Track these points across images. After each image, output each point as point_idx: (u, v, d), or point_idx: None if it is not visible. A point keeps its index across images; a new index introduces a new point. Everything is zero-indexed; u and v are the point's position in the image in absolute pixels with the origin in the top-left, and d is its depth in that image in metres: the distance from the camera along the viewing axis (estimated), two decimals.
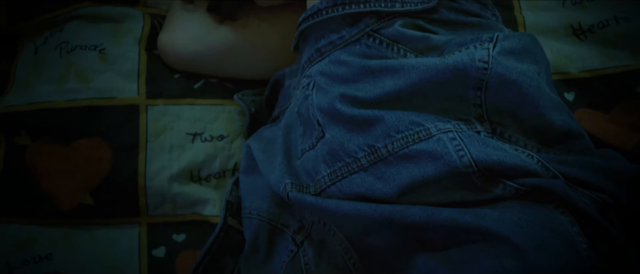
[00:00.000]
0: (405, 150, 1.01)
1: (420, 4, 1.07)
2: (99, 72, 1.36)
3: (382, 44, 1.08)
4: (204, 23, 1.42)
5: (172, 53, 1.42)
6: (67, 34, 1.40)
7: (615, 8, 1.33)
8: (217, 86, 1.46)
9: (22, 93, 1.35)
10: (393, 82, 1.03)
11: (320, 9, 1.11)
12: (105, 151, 1.31)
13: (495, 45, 1.03)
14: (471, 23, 1.10)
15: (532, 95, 1.01)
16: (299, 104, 1.16)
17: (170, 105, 1.38)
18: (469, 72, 1.01)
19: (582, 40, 1.33)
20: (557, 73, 1.31)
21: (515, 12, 1.38)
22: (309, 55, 1.15)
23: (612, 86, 1.29)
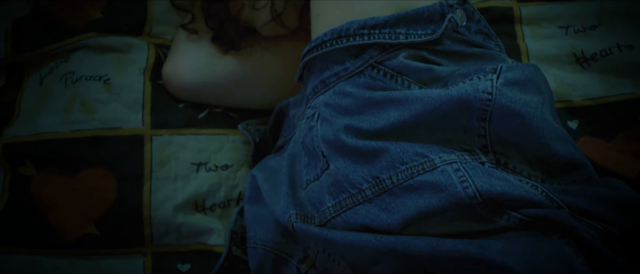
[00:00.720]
0: (410, 181, 1.01)
1: (424, 36, 1.08)
2: (104, 102, 1.36)
3: (386, 76, 1.08)
4: (208, 53, 1.43)
5: (176, 83, 1.42)
6: (72, 64, 1.40)
7: (617, 36, 1.33)
8: (222, 116, 1.46)
9: (27, 124, 1.36)
10: (397, 113, 1.04)
11: (325, 40, 1.11)
12: (110, 182, 1.31)
13: (498, 76, 1.03)
14: (475, 54, 1.11)
15: (535, 125, 1.01)
16: (304, 135, 1.16)
17: (174, 135, 1.38)
18: (473, 103, 1.01)
19: (585, 69, 1.33)
20: (560, 101, 1.31)
21: (518, 40, 1.38)
22: (314, 86, 1.15)
23: (615, 114, 1.29)
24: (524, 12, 1.40)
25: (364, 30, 1.08)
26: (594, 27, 1.36)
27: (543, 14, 1.39)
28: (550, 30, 1.38)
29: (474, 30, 1.13)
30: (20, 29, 1.44)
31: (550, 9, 1.39)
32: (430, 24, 1.08)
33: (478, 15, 1.15)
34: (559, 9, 1.38)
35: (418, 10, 1.08)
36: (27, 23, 1.45)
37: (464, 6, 1.13)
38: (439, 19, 1.08)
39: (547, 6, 1.40)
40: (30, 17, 1.47)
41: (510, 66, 1.06)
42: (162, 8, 1.49)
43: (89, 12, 1.45)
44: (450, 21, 1.08)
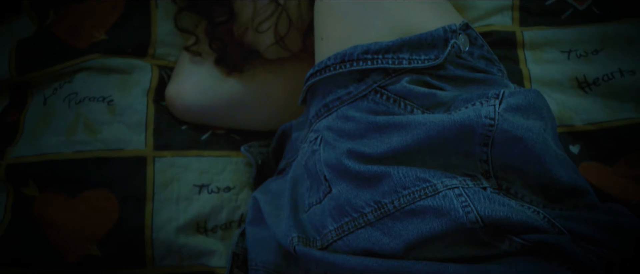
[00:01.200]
0: (412, 205, 1.01)
1: (427, 61, 1.08)
2: (107, 123, 1.37)
3: (389, 100, 1.08)
4: (212, 75, 1.43)
5: (179, 105, 1.42)
6: (76, 85, 1.41)
7: (620, 61, 1.33)
8: (224, 137, 1.47)
9: (31, 144, 1.36)
10: (400, 138, 1.04)
11: (328, 65, 1.11)
12: (112, 203, 1.31)
13: (501, 101, 1.03)
14: (477, 79, 1.11)
15: (538, 151, 1.02)
16: (306, 158, 1.16)
17: (177, 156, 1.38)
18: (476, 129, 1.01)
19: (587, 93, 1.33)
20: (562, 125, 1.31)
21: (521, 65, 1.38)
22: (317, 110, 1.16)
23: (618, 139, 1.29)
24: (526, 36, 1.40)
25: (368, 55, 1.08)
26: (596, 52, 1.36)
27: (545, 38, 1.39)
28: (553, 54, 1.38)
29: (476, 55, 1.13)
30: (25, 49, 1.45)
31: (552, 34, 1.39)
32: (434, 49, 1.09)
33: (481, 40, 1.15)
34: (562, 34, 1.39)
35: (421, 35, 1.08)
36: (31, 44, 1.46)
37: (467, 31, 1.13)
38: (442, 44, 1.09)
39: (549, 30, 1.40)
40: (35, 38, 1.47)
41: (513, 92, 1.07)
42: (166, 30, 1.50)
43: (93, 33, 1.46)
44: (453, 47, 1.09)
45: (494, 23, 1.42)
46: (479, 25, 1.43)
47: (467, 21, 1.15)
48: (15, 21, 1.55)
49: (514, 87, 1.14)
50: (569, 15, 1.41)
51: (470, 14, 1.44)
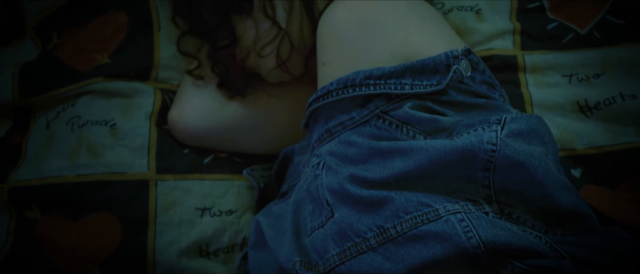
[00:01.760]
0: (414, 231, 1.01)
1: (429, 87, 1.08)
2: (110, 147, 1.37)
3: (391, 126, 1.09)
4: (214, 99, 1.44)
5: (182, 128, 1.43)
6: (79, 108, 1.41)
7: (621, 85, 1.33)
8: (227, 161, 1.47)
9: (34, 167, 1.36)
10: (402, 163, 1.04)
11: (331, 90, 1.12)
12: (114, 226, 1.31)
13: (503, 127, 1.04)
14: (479, 104, 1.11)
15: (539, 176, 1.02)
16: (309, 183, 1.16)
17: (179, 180, 1.39)
18: (478, 154, 1.02)
19: (588, 117, 1.33)
20: (563, 149, 1.31)
21: (522, 89, 1.38)
22: (319, 134, 1.16)
23: (619, 163, 1.29)
24: (527, 60, 1.40)
25: (370, 80, 1.09)
26: (598, 76, 1.36)
27: (547, 62, 1.40)
28: (554, 78, 1.38)
29: (478, 80, 1.14)
30: (28, 73, 1.45)
31: (554, 58, 1.40)
32: (436, 75, 1.09)
33: (482, 65, 1.15)
34: (563, 58, 1.39)
35: (423, 61, 1.09)
36: (34, 67, 1.46)
37: (469, 57, 1.13)
38: (444, 69, 1.09)
39: (550, 55, 1.40)
40: (38, 61, 1.48)
41: (515, 117, 1.07)
42: (168, 54, 1.50)
43: (96, 56, 1.46)
44: (455, 72, 1.09)
45: (496, 47, 1.43)
46: (481, 49, 1.43)
47: (469, 46, 1.15)
48: (19, 44, 1.55)
49: (515, 112, 1.14)
50: (570, 39, 1.42)
51: (472, 38, 1.45)
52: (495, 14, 1.46)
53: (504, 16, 1.46)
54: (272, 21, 1.32)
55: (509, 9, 1.47)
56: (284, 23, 1.33)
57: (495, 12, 1.47)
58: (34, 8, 1.53)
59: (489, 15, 1.46)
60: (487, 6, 1.48)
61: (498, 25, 1.45)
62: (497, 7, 1.47)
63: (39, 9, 1.52)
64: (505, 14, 1.46)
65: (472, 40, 1.45)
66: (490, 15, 1.46)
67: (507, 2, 1.48)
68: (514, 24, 1.45)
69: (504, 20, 1.45)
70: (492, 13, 1.47)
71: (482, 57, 1.38)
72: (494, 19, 1.46)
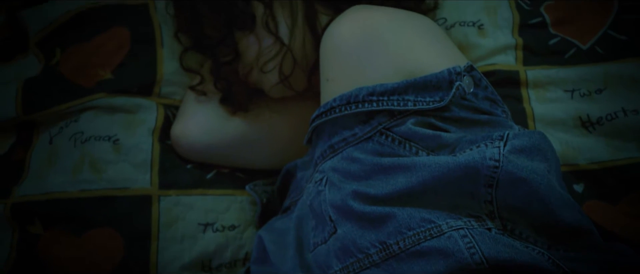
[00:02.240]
0: (417, 246, 1.01)
1: (432, 103, 1.09)
2: (113, 162, 1.37)
3: (394, 142, 1.09)
4: (217, 114, 1.44)
5: (184, 144, 1.43)
6: (82, 124, 1.42)
7: (623, 101, 1.33)
8: (229, 176, 1.48)
9: (36, 183, 1.37)
10: (405, 179, 1.04)
11: (334, 106, 1.12)
12: (117, 242, 1.32)
13: (505, 143, 1.04)
14: (482, 121, 1.11)
15: (542, 192, 1.02)
16: (312, 198, 1.16)
17: (182, 195, 1.39)
18: (480, 170, 1.02)
19: (590, 132, 1.33)
20: (566, 164, 1.31)
21: (525, 104, 1.39)
22: (322, 150, 1.16)
23: (621, 178, 1.29)
24: (529, 75, 1.40)
25: (373, 96, 1.09)
26: (600, 91, 1.36)
27: (549, 77, 1.40)
28: (556, 94, 1.39)
29: (481, 96, 1.14)
30: (31, 88, 1.45)
31: (556, 73, 1.40)
32: (439, 91, 1.09)
33: (485, 81, 1.15)
34: (565, 73, 1.39)
35: (426, 77, 1.09)
36: (37, 83, 1.47)
37: (472, 73, 1.13)
38: (447, 86, 1.09)
39: (552, 70, 1.40)
40: (41, 77, 1.48)
41: (517, 133, 1.07)
42: (171, 69, 1.51)
43: (99, 72, 1.46)
44: (457, 89, 1.09)
45: (498, 62, 1.43)
46: (483, 65, 1.44)
47: (471, 63, 1.15)
48: (22, 60, 1.56)
49: (518, 129, 1.14)
50: (572, 54, 1.42)
51: (474, 53, 1.45)
52: (498, 30, 1.47)
53: (506, 31, 1.46)
54: (275, 37, 1.33)
55: (511, 24, 1.47)
56: (286, 39, 1.33)
57: (498, 27, 1.47)
58: (37, 24, 1.53)
59: (491, 30, 1.47)
60: (490, 22, 1.48)
61: (500, 41, 1.45)
62: (499, 22, 1.47)
63: (42, 25, 1.53)
64: (507, 29, 1.46)
65: (474, 55, 1.45)
66: (493, 31, 1.46)
67: (509, 17, 1.48)
68: (516, 39, 1.45)
69: (506, 35, 1.45)
70: (495, 28, 1.47)
71: (484, 72, 1.38)
72: (496, 34, 1.46)
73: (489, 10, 1.48)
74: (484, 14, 1.49)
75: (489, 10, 1.48)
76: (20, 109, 1.44)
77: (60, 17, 1.52)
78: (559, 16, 1.47)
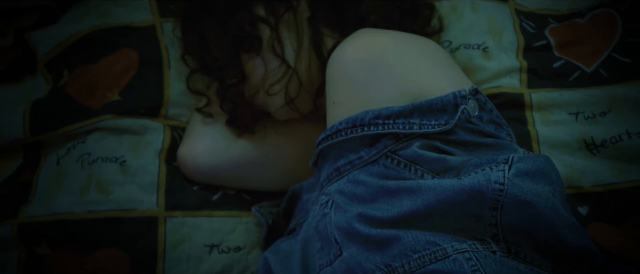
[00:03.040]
0: (422, 269, 1.02)
1: (437, 127, 1.09)
2: (120, 183, 1.38)
3: (399, 165, 1.09)
4: (223, 136, 1.45)
5: (191, 165, 1.44)
6: (89, 145, 1.42)
7: (627, 123, 1.34)
8: (235, 198, 1.48)
9: (43, 204, 1.37)
10: (410, 202, 1.05)
11: (340, 129, 1.13)
12: (123, 263, 1.32)
13: (510, 166, 1.04)
14: (487, 144, 1.12)
15: (547, 216, 1.02)
16: (317, 221, 1.16)
17: (188, 216, 1.40)
18: (485, 194, 1.02)
19: (595, 155, 1.33)
20: (570, 187, 1.31)
21: (529, 126, 1.39)
22: (328, 173, 1.16)
23: (626, 200, 1.29)
24: (534, 98, 1.41)
25: (379, 120, 1.10)
26: (604, 114, 1.36)
27: (553, 100, 1.40)
28: (561, 116, 1.39)
29: (486, 120, 1.14)
30: (39, 109, 1.46)
31: (560, 96, 1.40)
32: (444, 115, 1.10)
33: (490, 105, 1.16)
34: (569, 96, 1.39)
35: (431, 101, 1.09)
36: (45, 104, 1.48)
37: (477, 96, 1.14)
38: (452, 109, 1.10)
39: (557, 92, 1.41)
40: (49, 98, 1.49)
41: (522, 157, 1.07)
42: (178, 91, 1.52)
43: (106, 94, 1.47)
44: (463, 112, 1.10)
45: (503, 85, 1.43)
46: (488, 87, 1.44)
47: (476, 86, 1.16)
48: (30, 81, 1.57)
49: (523, 152, 1.14)
50: (577, 77, 1.42)
51: (479, 76, 1.45)
52: (502, 52, 1.47)
53: (510, 54, 1.47)
54: (281, 59, 1.34)
55: (516, 47, 1.48)
56: (292, 61, 1.34)
57: (502, 50, 1.47)
58: (45, 45, 1.54)
59: (496, 53, 1.47)
60: (494, 44, 1.48)
61: (505, 63, 1.45)
62: (504, 45, 1.48)
63: (50, 46, 1.54)
64: (512, 52, 1.47)
65: (479, 78, 1.45)
66: (497, 54, 1.47)
67: (514, 40, 1.48)
68: (521, 62, 1.45)
69: (511, 58, 1.46)
70: (499, 51, 1.47)
71: (489, 94, 1.39)
72: (501, 57, 1.46)
73: (494, 33, 1.49)
74: (489, 36, 1.49)
75: (493, 33, 1.49)
76: (28, 130, 1.45)
77: (68, 38, 1.54)
78: (563, 39, 1.47)
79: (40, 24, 1.62)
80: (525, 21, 1.52)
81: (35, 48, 1.56)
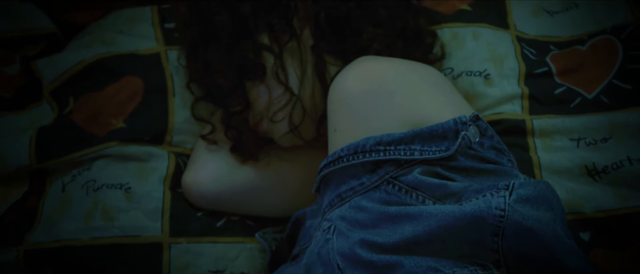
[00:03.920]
0: None
1: (438, 153, 1.09)
2: (125, 210, 1.39)
3: (401, 191, 1.10)
4: (227, 163, 1.46)
5: (195, 192, 1.45)
6: (95, 172, 1.43)
7: (629, 149, 1.34)
8: (239, 224, 1.48)
9: (49, 230, 1.38)
10: (412, 228, 1.05)
11: (342, 156, 1.13)
12: None
13: (511, 193, 1.04)
14: (488, 170, 1.12)
15: (548, 241, 1.02)
16: (320, 247, 1.17)
17: (193, 243, 1.40)
18: (486, 220, 1.02)
19: (596, 181, 1.34)
20: (572, 213, 1.31)
21: (531, 153, 1.40)
22: (330, 199, 1.17)
23: (627, 226, 1.29)
24: (536, 124, 1.41)
25: (380, 146, 1.10)
26: (605, 140, 1.37)
27: (555, 126, 1.41)
28: (562, 142, 1.39)
29: (487, 146, 1.15)
30: (45, 137, 1.47)
31: (562, 122, 1.41)
32: (444, 141, 1.10)
33: (491, 131, 1.17)
34: (571, 122, 1.40)
35: (432, 127, 1.10)
36: (51, 131, 1.49)
37: (477, 123, 1.15)
38: (453, 136, 1.10)
39: (558, 119, 1.42)
40: (55, 126, 1.50)
41: (523, 183, 1.08)
42: (182, 118, 1.53)
43: (111, 121, 1.49)
44: (463, 138, 1.10)
45: (504, 111, 1.44)
46: (490, 114, 1.45)
47: (477, 113, 1.17)
48: (36, 108, 1.58)
49: (524, 178, 1.15)
50: (578, 103, 1.43)
51: (481, 102, 1.46)
52: (504, 79, 1.48)
53: (512, 81, 1.48)
54: (285, 87, 1.35)
55: (517, 74, 1.49)
56: (296, 89, 1.35)
57: (504, 77, 1.48)
58: (51, 73, 1.56)
59: (498, 80, 1.48)
60: (496, 71, 1.49)
61: (506, 90, 1.46)
62: (506, 72, 1.49)
63: (56, 74, 1.55)
64: (513, 79, 1.48)
65: (481, 104, 1.46)
66: (499, 81, 1.48)
67: (516, 67, 1.49)
68: (522, 89, 1.46)
69: (513, 85, 1.47)
70: (501, 78, 1.48)
71: (491, 121, 1.40)
72: (503, 84, 1.47)
73: (495, 60, 1.50)
74: (491, 63, 1.50)
75: (495, 60, 1.50)
76: (34, 157, 1.46)
77: (73, 66, 1.55)
78: (564, 66, 1.48)
79: (46, 52, 1.64)
80: (526, 48, 1.53)
81: (41, 76, 1.58)
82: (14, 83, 1.60)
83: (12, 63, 1.62)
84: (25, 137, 1.48)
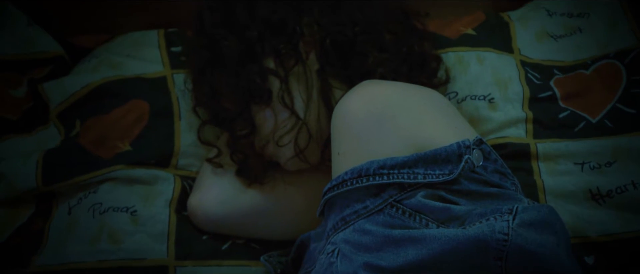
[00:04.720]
0: None
1: (441, 176, 1.10)
2: (131, 233, 1.39)
3: (404, 214, 1.09)
4: (233, 186, 1.46)
5: (201, 215, 1.45)
6: (101, 195, 1.44)
7: (633, 174, 1.34)
8: (244, 247, 1.49)
9: (55, 253, 1.38)
10: (415, 251, 1.05)
11: (345, 179, 1.13)
12: None
13: (515, 217, 1.04)
14: (491, 194, 1.12)
15: (551, 266, 1.03)
16: (324, 270, 1.16)
17: (198, 266, 1.40)
18: (490, 244, 1.02)
19: (601, 205, 1.34)
20: (576, 237, 1.32)
21: (535, 177, 1.40)
22: (334, 223, 1.17)
23: (632, 250, 1.30)
24: (540, 148, 1.42)
25: (384, 170, 1.10)
26: (610, 164, 1.37)
27: (559, 150, 1.41)
28: (567, 166, 1.40)
29: (490, 169, 1.15)
30: (51, 160, 1.48)
31: (566, 146, 1.41)
32: (448, 165, 1.11)
33: (494, 155, 1.17)
34: (575, 146, 1.41)
35: (436, 151, 1.10)
36: (58, 154, 1.50)
37: (481, 147, 1.15)
38: (456, 159, 1.11)
39: (563, 143, 1.42)
40: (61, 149, 1.51)
41: (526, 207, 1.08)
42: (188, 142, 1.54)
43: (117, 144, 1.50)
44: (467, 162, 1.11)
45: (509, 135, 1.45)
46: (494, 137, 1.45)
47: (481, 136, 1.17)
48: (43, 131, 1.59)
49: (527, 202, 1.15)
50: (582, 128, 1.44)
51: (485, 126, 1.47)
52: (508, 103, 1.49)
53: (516, 105, 1.48)
54: (291, 111, 1.35)
55: (522, 98, 1.49)
56: (302, 113, 1.35)
57: (508, 101, 1.49)
58: (57, 96, 1.57)
59: (502, 104, 1.49)
60: (500, 95, 1.50)
61: (511, 114, 1.47)
62: (510, 96, 1.50)
63: (62, 97, 1.57)
64: (517, 103, 1.49)
65: (485, 128, 1.47)
66: (503, 105, 1.49)
67: (520, 91, 1.50)
68: (527, 113, 1.47)
69: (517, 109, 1.48)
70: (505, 102, 1.49)
71: (495, 145, 1.40)
72: (507, 108, 1.48)
73: (500, 84, 1.51)
74: (495, 88, 1.51)
75: (499, 84, 1.51)
76: (41, 180, 1.47)
77: (80, 89, 1.57)
78: (568, 90, 1.49)
79: (53, 75, 1.65)
80: (530, 72, 1.54)
81: (47, 99, 1.59)
82: (21, 106, 1.62)
83: (19, 86, 1.63)
84: (32, 159, 1.49)
